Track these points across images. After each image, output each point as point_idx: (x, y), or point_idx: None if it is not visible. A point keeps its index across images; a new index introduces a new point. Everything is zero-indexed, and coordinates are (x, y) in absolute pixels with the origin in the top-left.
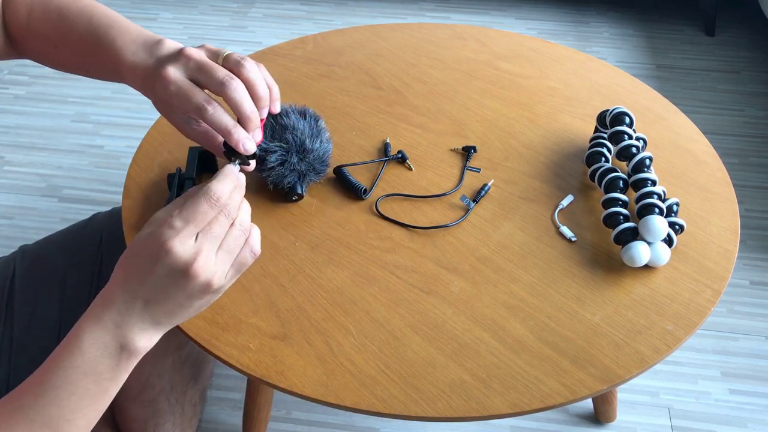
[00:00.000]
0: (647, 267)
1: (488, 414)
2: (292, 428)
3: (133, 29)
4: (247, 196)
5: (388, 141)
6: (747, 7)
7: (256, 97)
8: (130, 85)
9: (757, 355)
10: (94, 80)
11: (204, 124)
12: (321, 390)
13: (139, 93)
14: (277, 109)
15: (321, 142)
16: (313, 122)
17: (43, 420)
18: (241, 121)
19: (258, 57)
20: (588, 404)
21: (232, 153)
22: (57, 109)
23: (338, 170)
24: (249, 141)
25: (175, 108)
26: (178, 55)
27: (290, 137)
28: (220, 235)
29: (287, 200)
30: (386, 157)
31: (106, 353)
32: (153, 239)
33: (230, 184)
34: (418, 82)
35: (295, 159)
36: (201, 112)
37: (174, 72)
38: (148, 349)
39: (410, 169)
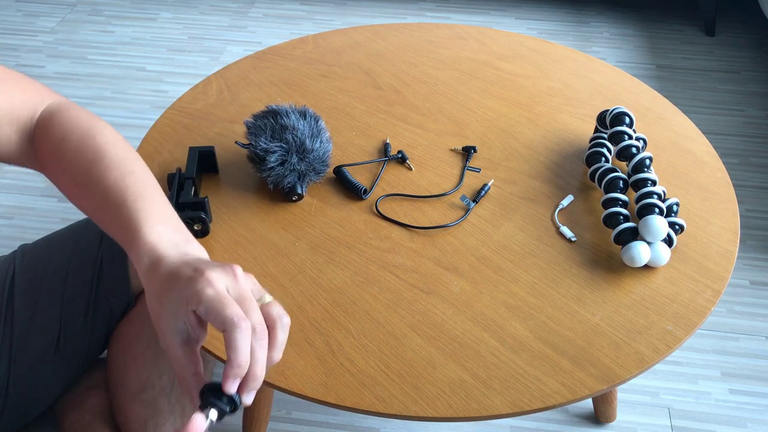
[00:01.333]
0: (647, 267)
1: (488, 414)
2: (292, 428)
3: (166, 210)
4: (247, 196)
5: (388, 141)
6: (747, 7)
7: (270, 360)
8: (133, 260)
9: (757, 355)
10: (94, 80)
11: (194, 350)
12: (321, 390)
13: (139, 94)
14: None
15: (321, 142)
16: (313, 122)
17: None
18: (249, 374)
19: (258, 57)
20: (588, 404)
21: (211, 401)
22: None
23: (338, 170)
24: (252, 395)
25: (180, 313)
26: (227, 268)
27: (290, 137)
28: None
29: (287, 200)
30: (386, 157)
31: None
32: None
33: None
34: (418, 82)
35: (295, 159)
36: (233, 326)
37: (219, 278)
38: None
39: (410, 169)
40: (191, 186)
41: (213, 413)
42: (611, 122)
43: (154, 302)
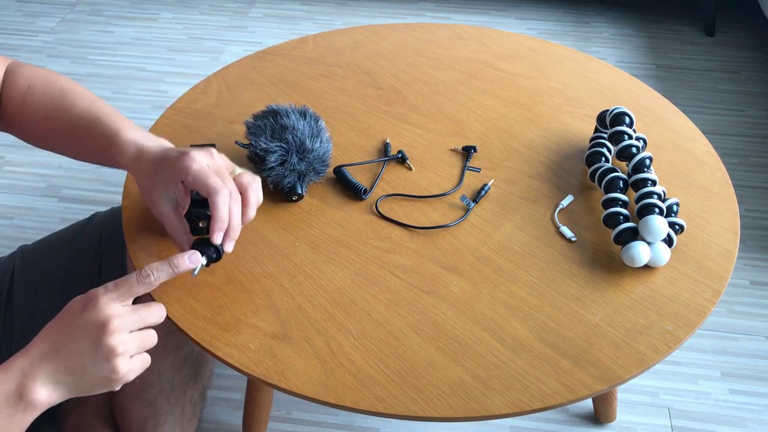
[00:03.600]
0: (647, 267)
1: (488, 414)
2: (292, 428)
3: (136, 125)
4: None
5: (388, 141)
6: (747, 7)
7: (245, 217)
8: (116, 154)
9: (757, 355)
10: (94, 80)
11: (181, 214)
12: (321, 390)
13: (139, 94)
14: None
15: (321, 142)
16: (313, 122)
17: None
18: (229, 227)
19: (258, 57)
20: (588, 404)
21: (201, 251)
22: None
23: (338, 170)
24: (232, 243)
25: (171, 184)
26: (205, 150)
27: (290, 137)
28: (143, 317)
29: (287, 200)
30: (386, 157)
31: (4, 400)
32: (86, 296)
33: (165, 272)
34: (418, 82)
35: (295, 159)
36: (216, 191)
37: (200, 157)
38: (42, 409)
39: (410, 169)
40: None
41: (204, 259)
42: (611, 122)
43: (146, 181)
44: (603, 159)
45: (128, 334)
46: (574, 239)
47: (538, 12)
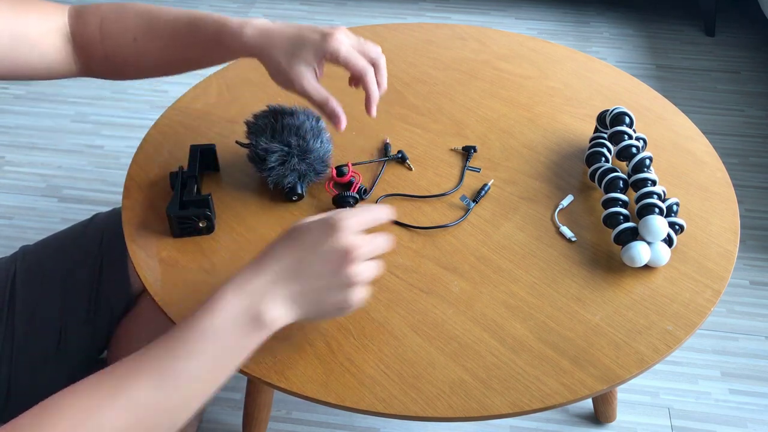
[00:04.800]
0: (647, 267)
1: (488, 414)
2: (292, 428)
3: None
4: (247, 195)
5: (388, 141)
6: (747, 7)
7: (381, 86)
8: (229, 39)
9: (757, 355)
10: (93, 80)
11: (318, 85)
12: (321, 390)
13: (139, 94)
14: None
15: (321, 142)
16: (313, 122)
17: (166, 372)
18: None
19: None
20: (588, 404)
21: (342, 203)
22: (57, 109)
23: (338, 171)
24: (374, 108)
25: (315, 60)
26: (349, 34)
27: (291, 137)
28: (378, 247)
29: (287, 200)
30: (386, 157)
31: (238, 320)
32: (329, 219)
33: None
34: (418, 82)
35: (295, 159)
36: (366, 71)
37: (345, 38)
38: (275, 329)
39: (410, 169)
40: (194, 184)
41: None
42: (611, 122)
43: (282, 57)
44: (603, 159)
45: (365, 263)
46: (574, 239)
47: (538, 12)
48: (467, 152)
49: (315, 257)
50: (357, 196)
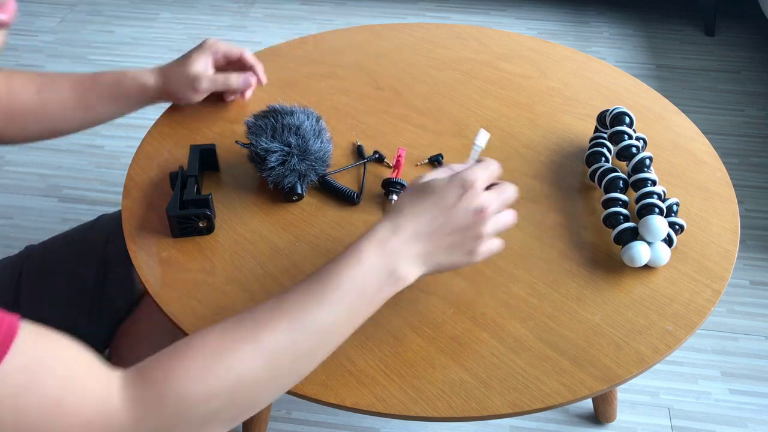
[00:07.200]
0: (647, 267)
1: (488, 414)
2: (292, 428)
3: None
4: (247, 196)
5: (358, 143)
6: (747, 7)
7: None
8: (132, 87)
9: (757, 355)
10: None
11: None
12: (321, 390)
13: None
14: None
15: (322, 142)
16: (314, 122)
17: (304, 319)
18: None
19: (258, 57)
20: (588, 404)
21: (391, 189)
22: None
23: (323, 181)
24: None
25: (201, 62)
26: (208, 41)
27: (291, 137)
28: (506, 199)
29: (287, 200)
30: (364, 159)
31: (376, 275)
32: (460, 178)
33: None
34: (418, 82)
35: (295, 159)
36: (243, 50)
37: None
38: (408, 284)
39: (389, 167)
40: (194, 184)
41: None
42: (611, 122)
43: (175, 71)
44: (603, 159)
45: (494, 217)
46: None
47: (538, 12)
48: (432, 164)
49: (450, 217)
50: (404, 182)
